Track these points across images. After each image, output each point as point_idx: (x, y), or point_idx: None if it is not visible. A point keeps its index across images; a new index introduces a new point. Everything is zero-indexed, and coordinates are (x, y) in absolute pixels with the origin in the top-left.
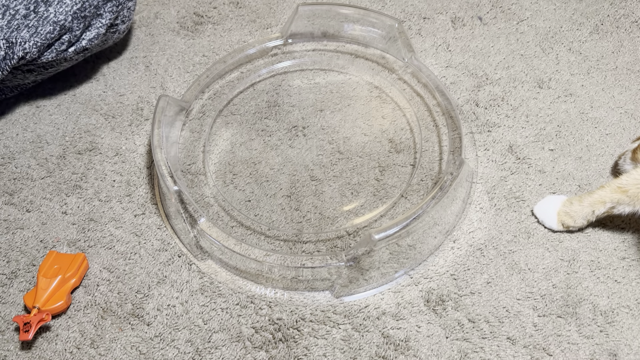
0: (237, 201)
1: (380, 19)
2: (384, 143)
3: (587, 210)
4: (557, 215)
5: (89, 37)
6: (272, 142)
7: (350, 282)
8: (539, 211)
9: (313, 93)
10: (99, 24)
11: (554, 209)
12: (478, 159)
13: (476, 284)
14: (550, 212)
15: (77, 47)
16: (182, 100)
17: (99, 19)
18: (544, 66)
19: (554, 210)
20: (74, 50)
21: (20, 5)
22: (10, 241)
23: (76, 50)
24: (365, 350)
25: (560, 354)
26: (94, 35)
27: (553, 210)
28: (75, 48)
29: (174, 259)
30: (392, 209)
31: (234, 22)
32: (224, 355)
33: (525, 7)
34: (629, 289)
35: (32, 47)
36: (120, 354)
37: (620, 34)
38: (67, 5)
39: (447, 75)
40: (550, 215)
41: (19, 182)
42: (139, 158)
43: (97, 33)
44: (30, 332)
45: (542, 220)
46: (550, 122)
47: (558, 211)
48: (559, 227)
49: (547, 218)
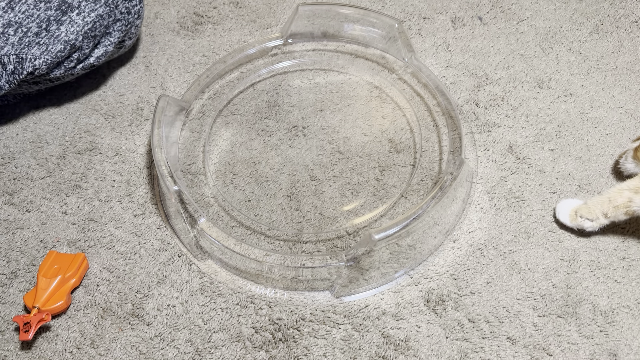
0: (237, 201)
1: (380, 19)
2: (384, 143)
3: (604, 199)
4: (573, 209)
5: (97, 55)
6: (272, 142)
7: (350, 282)
8: (559, 208)
9: (313, 93)
10: (108, 42)
11: (571, 206)
12: (478, 159)
13: (476, 284)
14: (568, 208)
15: (84, 64)
16: (182, 100)
17: (107, 37)
18: (544, 66)
19: (571, 205)
20: (81, 67)
21: (32, 23)
22: (10, 241)
23: (83, 67)
24: (365, 350)
25: (560, 354)
26: (102, 52)
27: (570, 206)
28: (83, 65)
29: (174, 259)
30: (392, 209)
31: (234, 22)
32: (224, 355)
33: (525, 7)
34: (629, 289)
35: (41, 64)
36: (120, 354)
37: (620, 34)
38: (79, 25)
39: (447, 75)
40: (567, 209)
41: (19, 182)
42: (139, 158)
43: (105, 51)
44: (30, 332)
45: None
46: (550, 122)
47: (576, 207)
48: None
49: (563, 212)
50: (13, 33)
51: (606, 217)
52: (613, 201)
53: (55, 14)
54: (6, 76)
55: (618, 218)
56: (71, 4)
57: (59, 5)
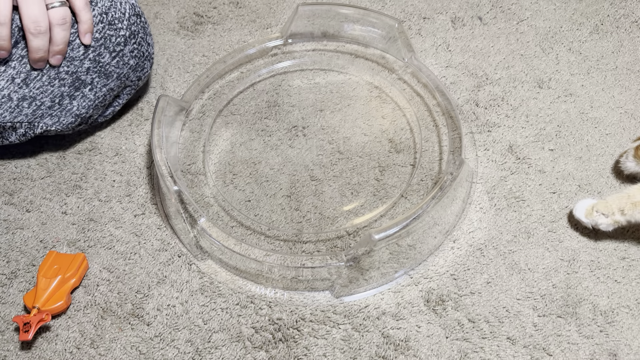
0: (237, 201)
1: (380, 19)
2: (384, 143)
3: (623, 195)
4: (591, 205)
5: (104, 114)
6: (272, 142)
7: (350, 282)
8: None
9: (313, 93)
10: (116, 103)
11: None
12: (478, 159)
13: (476, 284)
14: (586, 204)
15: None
16: (182, 100)
17: (117, 99)
18: (544, 66)
19: (590, 203)
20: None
21: (46, 98)
22: (10, 241)
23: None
24: (365, 350)
25: (560, 354)
26: (109, 112)
27: (589, 203)
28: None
29: (174, 259)
30: (392, 209)
31: (234, 22)
32: (224, 355)
33: (525, 7)
34: (629, 289)
35: (51, 131)
36: (120, 354)
37: (620, 34)
38: (90, 100)
39: (447, 75)
40: (585, 206)
41: (18, 182)
42: (139, 158)
43: (112, 111)
44: (30, 332)
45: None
46: (550, 122)
47: (593, 203)
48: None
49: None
50: (27, 106)
51: (622, 214)
52: (632, 197)
53: (68, 90)
54: (16, 136)
55: (635, 217)
56: (84, 80)
57: (73, 82)
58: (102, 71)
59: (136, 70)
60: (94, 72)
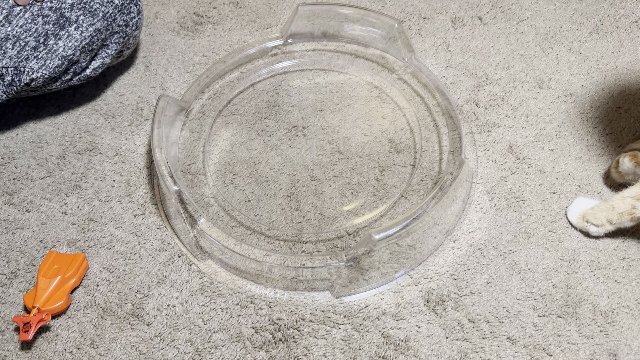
0: (237, 201)
1: (380, 19)
2: (384, 143)
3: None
4: (582, 213)
5: (93, 67)
6: (272, 142)
7: (350, 282)
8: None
9: (313, 93)
10: (105, 54)
11: (582, 206)
12: (478, 159)
13: (476, 284)
14: (579, 209)
15: (81, 76)
16: (182, 100)
17: (105, 49)
18: (544, 66)
19: (583, 206)
20: (77, 78)
21: (30, 37)
22: (10, 241)
23: (80, 79)
24: (365, 350)
25: (560, 354)
26: (99, 64)
27: (582, 207)
28: (80, 77)
29: (174, 259)
30: (392, 209)
31: (234, 22)
32: (224, 355)
33: (525, 7)
34: (629, 289)
35: (39, 77)
36: (120, 354)
37: (620, 34)
38: (77, 40)
39: (447, 75)
40: (578, 210)
41: (18, 182)
42: (139, 158)
43: (102, 63)
44: (30, 332)
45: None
46: (550, 122)
47: (584, 211)
48: (579, 223)
49: (573, 212)
50: (11, 47)
51: (611, 224)
52: (617, 208)
53: (53, 29)
54: (3, 87)
55: (624, 224)
56: (69, 18)
57: (57, 20)
58: (86, 8)
59: (122, 11)
60: (78, 9)
